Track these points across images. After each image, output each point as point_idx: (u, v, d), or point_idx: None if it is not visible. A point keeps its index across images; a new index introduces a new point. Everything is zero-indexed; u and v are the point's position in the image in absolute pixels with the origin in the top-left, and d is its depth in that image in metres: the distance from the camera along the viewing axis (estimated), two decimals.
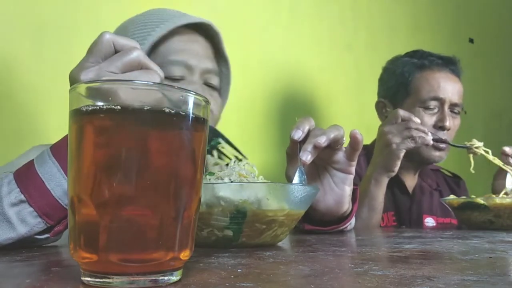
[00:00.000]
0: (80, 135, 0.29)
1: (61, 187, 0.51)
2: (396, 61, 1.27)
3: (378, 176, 0.99)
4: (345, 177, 0.67)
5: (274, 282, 0.30)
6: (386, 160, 0.97)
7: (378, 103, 1.29)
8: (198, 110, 0.30)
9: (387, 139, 0.97)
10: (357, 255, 0.43)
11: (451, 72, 1.20)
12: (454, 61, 1.22)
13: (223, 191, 0.47)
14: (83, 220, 0.28)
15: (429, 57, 1.21)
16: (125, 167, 0.28)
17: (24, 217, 0.51)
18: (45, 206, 0.51)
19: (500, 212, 0.84)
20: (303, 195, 0.53)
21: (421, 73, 1.19)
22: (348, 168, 0.67)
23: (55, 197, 0.51)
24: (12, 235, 0.50)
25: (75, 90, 0.29)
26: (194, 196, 0.30)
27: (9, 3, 0.94)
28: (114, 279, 0.28)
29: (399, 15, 1.81)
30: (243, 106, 1.32)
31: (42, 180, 0.51)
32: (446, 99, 1.16)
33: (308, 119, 0.66)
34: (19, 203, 0.51)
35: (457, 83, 1.19)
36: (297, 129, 0.64)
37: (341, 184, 0.67)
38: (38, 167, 0.52)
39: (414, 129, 0.96)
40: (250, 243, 0.50)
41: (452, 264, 0.38)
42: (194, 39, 0.75)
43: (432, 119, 1.16)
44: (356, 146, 0.65)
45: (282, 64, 1.43)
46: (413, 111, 1.15)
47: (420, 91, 1.18)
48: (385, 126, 1.00)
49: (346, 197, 0.68)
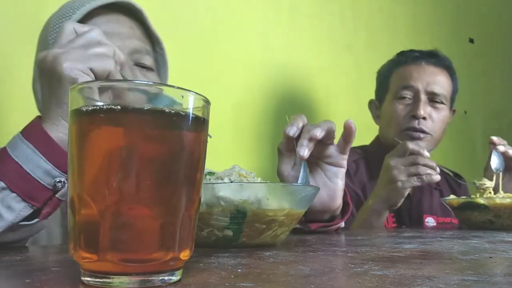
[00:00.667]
0: (80, 135, 0.29)
1: (40, 167, 0.51)
2: (385, 63, 1.30)
3: (380, 209, 0.98)
4: (338, 170, 0.68)
5: (274, 282, 0.30)
6: (390, 195, 0.95)
7: (370, 103, 1.32)
8: (198, 110, 0.31)
9: (392, 176, 0.94)
10: (357, 255, 0.43)
11: (430, 63, 1.18)
12: (433, 54, 1.21)
13: (223, 191, 0.47)
14: (83, 220, 0.28)
15: (407, 53, 1.22)
16: (125, 167, 0.28)
17: (8, 204, 0.50)
18: (27, 189, 0.51)
19: (500, 212, 0.84)
20: (303, 195, 0.53)
21: (398, 69, 1.21)
22: (340, 161, 0.68)
23: (35, 178, 0.51)
24: (0, 223, 0.50)
25: (75, 90, 0.29)
26: (194, 196, 0.30)
27: (9, 3, 0.94)
28: (114, 279, 0.28)
29: (399, 15, 1.81)
30: (243, 105, 1.32)
31: (18, 163, 0.51)
32: (419, 87, 1.14)
33: (300, 116, 0.67)
34: (1, 191, 0.50)
35: (437, 74, 1.17)
36: (292, 126, 0.65)
37: (334, 178, 0.68)
38: (11, 152, 0.52)
39: (421, 166, 0.93)
40: (250, 243, 0.50)
41: (452, 264, 0.38)
42: (115, 20, 0.71)
43: (406, 109, 1.15)
44: (348, 138, 0.66)
45: (282, 64, 1.43)
46: (390, 105, 1.18)
47: (395, 84, 1.19)
48: (391, 159, 0.96)
49: (339, 191, 0.68)
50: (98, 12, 0.69)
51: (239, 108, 1.31)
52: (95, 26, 0.56)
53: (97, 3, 0.69)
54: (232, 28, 1.32)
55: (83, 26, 0.56)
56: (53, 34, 0.69)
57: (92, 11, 0.68)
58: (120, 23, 0.71)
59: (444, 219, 1.22)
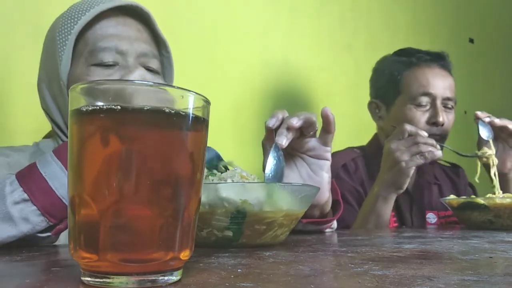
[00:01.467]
0: (80, 135, 0.29)
1: (65, 186, 0.52)
2: (385, 61, 1.27)
3: (386, 194, 0.98)
4: (323, 163, 0.67)
5: (274, 282, 0.30)
6: (396, 178, 0.96)
7: (371, 103, 1.28)
8: (198, 110, 0.31)
9: (395, 157, 0.95)
10: (357, 255, 0.43)
11: (441, 67, 1.19)
12: (443, 56, 1.21)
13: (226, 192, 0.47)
14: (83, 220, 0.28)
15: (416, 54, 1.20)
16: (125, 167, 0.28)
17: (26, 215, 0.52)
18: (48, 205, 0.52)
19: (500, 212, 0.84)
20: (303, 195, 0.53)
21: (410, 70, 1.18)
22: (324, 154, 0.67)
23: (58, 196, 0.53)
24: (14, 232, 0.52)
25: (75, 90, 0.29)
26: (194, 196, 0.30)
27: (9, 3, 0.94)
28: (114, 279, 0.28)
29: (399, 15, 1.81)
30: (243, 105, 1.32)
31: (45, 179, 0.53)
32: (437, 94, 1.14)
33: (282, 110, 0.67)
34: (22, 202, 0.52)
35: (447, 78, 1.18)
36: (272, 118, 0.65)
37: (319, 171, 0.67)
38: (41, 168, 0.54)
39: (422, 144, 0.94)
40: (250, 243, 0.50)
41: (452, 264, 0.38)
42: (123, 22, 0.71)
43: (424, 115, 1.14)
44: (328, 127, 0.65)
45: (282, 64, 1.43)
46: (405, 109, 1.15)
47: (410, 88, 1.17)
48: (392, 143, 0.97)
49: (326, 184, 0.67)
50: (107, 15, 0.70)
51: (239, 108, 1.31)
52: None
53: (107, 5, 0.69)
54: (232, 28, 1.32)
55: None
56: (61, 34, 0.69)
57: (101, 13, 0.69)
58: (128, 26, 0.71)
59: (446, 212, 1.22)
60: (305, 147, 0.67)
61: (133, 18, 0.73)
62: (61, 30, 0.70)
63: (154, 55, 0.74)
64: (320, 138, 0.67)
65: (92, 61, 0.68)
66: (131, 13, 0.73)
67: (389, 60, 1.25)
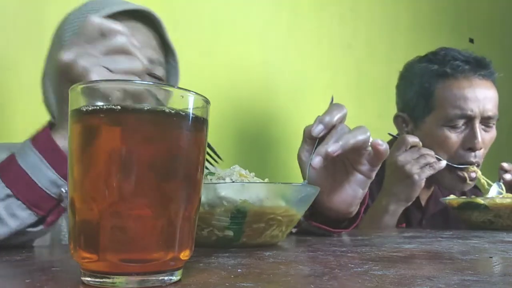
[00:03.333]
0: (80, 135, 0.29)
1: (46, 177, 0.51)
2: (414, 67, 1.10)
3: (395, 207, 0.95)
4: (363, 180, 0.63)
5: (274, 282, 0.30)
6: (408, 191, 0.93)
7: (397, 117, 1.14)
8: (198, 110, 0.31)
9: (407, 170, 0.91)
10: (357, 255, 0.43)
11: (482, 77, 1.03)
12: (485, 64, 1.05)
13: (225, 191, 0.47)
14: (83, 220, 0.28)
15: (452, 61, 1.03)
16: (125, 167, 0.28)
17: (13, 211, 0.51)
18: (33, 198, 0.51)
19: (500, 212, 0.84)
20: (303, 195, 0.53)
21: (444, 83, 1.02)
22: (369, 172, 0.63)
23: (41, 188, 0.51)
24: (4, 230, 0.50)
25: (75, 90, 0.29)
26: (194, 196, 0.30)
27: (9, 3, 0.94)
28: (114, 279, 0.28)
29: (399, 15, 1.81)
30: (242, 105, 1.32)
31: (26, 172, 0.51)
32: (476, 114, 1.00)
33: (339, 108, 0.61)
34: (6, 198, 0.51)
35: (489, 91, 1.03)
36: (319, 123, 0.59)
37: (355, 186, 0.63)
38: (20, 161, 0.52)
39: (427, 155, 0.91)
40: (250, 243, 0.50)
41: (452, 264, 0.38)
42: (133, 27, 0.71)
43: (459, 138, 1.01)
44: (379, 156, 0.61)
45: (282, 64, 1.43)
46: (437, 130, 1.03)
47: (445, 107, 1.01)
48: (398, 155, 0.92)
49: (357, 199, 0.64)
50: (117, 17, 0.69)
51: (239, 108, 1.31)
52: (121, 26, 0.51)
53: (119, 7, 0.69)
54: (232, 28, 1.32)
55: (109, 24, 0.51)
56: (69, 32, 0.69)
57: (112, 15, 0.68)
58: (137, 31, 0.71)
59: None
60: (353, 159, 0.63)
61: (144, 23, 0.73)
62: (69, 28, 0.69)
63: (160, 62, 0.74)
64: (370, 157, 0.62)
65: None
66: (142, 18, 0.72)
67: (419, 67, 1.08)
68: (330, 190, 0.63)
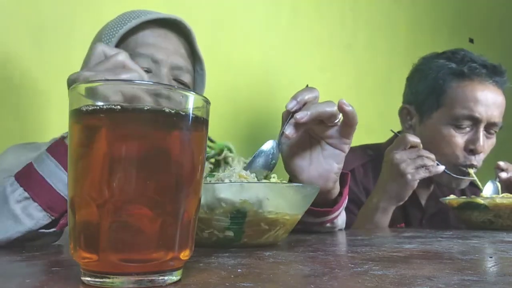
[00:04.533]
0: (80, 135, 0.29)
1: (62, 181, 0.56)
2: (431, 61, 1.09)
3: (387, 206, 0.95)
4: (337, 153, 0.65)
5: (274, 282, 0.30)
6: (400, 190, 0.93)
7: (403, 109, 1.14)
8: (198, 110, 0.31)
9: (401, 169, 0.91)
10: (357, 255, 0.43)
11: (495, 84, 1.03)
12: (500, 71, 1.05)
13: (224, 193, 0.47)
14: (83, 220, 0.28)
15: (470, 63, 1.03)
16: (125, 167, 0.28)
17: (29, 212, 0.55)
18: (48, 200, 0.56)
19: (500, 212, 0.84)
20: (303, 194, 0.53)
21: (458, 83, 1.03)
22: (341, 145, 0.65)
23: (57, 191, 0.56)
24: (20, 228, 0.55)
25: (75, 90, 0.29)
26: (194, 196, 0.30)
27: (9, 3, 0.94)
28: (114, 279, 0.28)
29: (399, 15, 1.81)
30: (243, 105, 1.32)
31: (42, 176, 0.56)
32: (483, 118, 1.01)
33: (311, 89, 0.64)
34: (24, 200, 0.55)
35: (498, 98, 1.03)
36: (293, 99, 0.62)
37: (330, 160, 0.65)
38: (37, 166, 0.57)
39: (425, 157, 0.91)
40: (251, 243, 0.50)
41: (452, 264, 0.38)
42: (165, 35, 0.77)
43: (463, 139, 1.02)
44: (348, 121, 0.62)
45: (282, 64, 1.43)
46: (442, 127, 1.04)
47: (454, 106, 1.02)
48: (395, 153, 0.93)
49: (332, 173, 0.65)
50: (151, 25, 0.75)
51: (239, 108, 1.31)
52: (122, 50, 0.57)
53: (152, 16, 0.75)
54: (232, 28, 1.32)
55: (112, 49, 0.58)
56: (106, 36, 0.75)
57: (147, 23, 0.74)
58: (168, 39, 0.77)
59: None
60: (324, 133, 0.64)
61: (175, 32, 0.78)
62: (107, 32, 0.75)
63: (188, 70, 0.79)
64: (341, 129, 0.64)
65: None
66: (175, 27, 0.78)
67: (437, 63, 1.08)
68: (306, 166, 0.65)
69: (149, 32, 0.76)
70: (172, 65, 0.76)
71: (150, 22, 0.76)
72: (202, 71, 0.84)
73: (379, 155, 1.08)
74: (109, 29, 0.76)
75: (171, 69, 0.76)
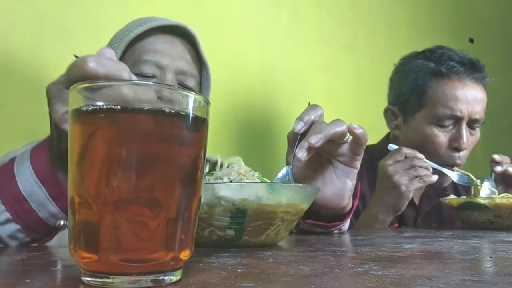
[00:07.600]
0: (80, 135, 0.29)
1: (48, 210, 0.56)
2: (410, 62, 1.12)
3: (385, 217, 0.96)
4: (349, 170, 0.66)
5: (274, 282, 0.30)
6: (396, 202, 0.94)
7: (387, 110, 1.16)
8: (198, 110, 0.30)
9: (395, 181, 0.92)
10: (357, 255, 0.43)
11: (474, 80, 1.05)
12: (479, 67, 1.06)
13: (223, 191, 0.47)
14: (83, 220, 0.28)
15: (448, 61, 1.05)
16: (125, 167, 0.28)
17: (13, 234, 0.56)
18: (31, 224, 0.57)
19: (500, 212, 0.84)
20: (303, 194, 0.53)
21: (438, 82, 1.05)
22: (352, 162, 0.65)
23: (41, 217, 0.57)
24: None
25: (75, 90, 0.29)
26: (194, 196, 0.30)
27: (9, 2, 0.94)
28: (114, 279, 0.28)
29: (399, 15, 1.81)
30: (243, 105, 1.32)
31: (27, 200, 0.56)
32: (464, 116, 1.03)
33: (315, 108, 0.65)
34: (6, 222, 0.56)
35: (479, 94, 1.04)
36: (300, 121, 0.63)
37: (343, 178, 0.66)
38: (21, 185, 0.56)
39: (419, 167, 0.92)
40: (252, 242, 0.50)
41: (452, 264, 0.38)
42: (170, 41, 0.79)
43: (446, 137, 1.05)
44: (358, 141, 0.63)
45: (282, 64, 1.43)
46: (426, 127, 1.06)
47: (436, 106, 1.04)
48: (389, 165, 0.94)
49: (347, 191, 0.66)
50: (157, 32, 0.78)
51: (239, 108, 1.31)
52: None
53: (158, 23, 0.78)
54: (232, 28, 1.32)
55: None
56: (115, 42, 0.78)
57: (153, 30, 0.77)
58: (173, 45, 0.79)
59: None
60: (335, 151, 0.65)
61: (181, 38, 0.81)
62: (117, 38, 0.78)
63: (193, 74, 0.80)
64: (351, 146, 0.64)
65: (133, 70, 0.73)
66: (180, 33, 0.80)
67: (415, 63, 1.10)
68: (320, 187, 0.65)
69: (154, 39, 0.78)
70: (176, 70, 0.77)
71: (156, 29, 0.78)
72: (208, 75, 0.86)
73: (374, 153, 1.10)
74: (118, 36, 0.79)
75: (176, 74, 0.77)
